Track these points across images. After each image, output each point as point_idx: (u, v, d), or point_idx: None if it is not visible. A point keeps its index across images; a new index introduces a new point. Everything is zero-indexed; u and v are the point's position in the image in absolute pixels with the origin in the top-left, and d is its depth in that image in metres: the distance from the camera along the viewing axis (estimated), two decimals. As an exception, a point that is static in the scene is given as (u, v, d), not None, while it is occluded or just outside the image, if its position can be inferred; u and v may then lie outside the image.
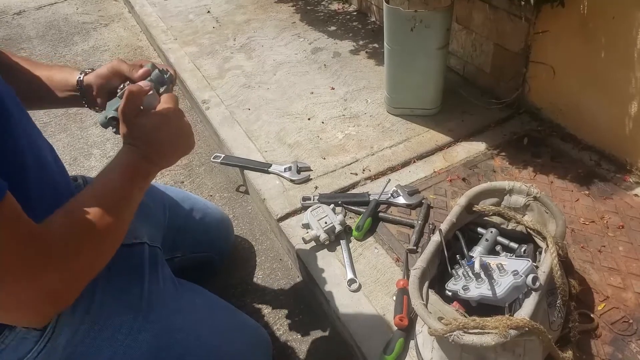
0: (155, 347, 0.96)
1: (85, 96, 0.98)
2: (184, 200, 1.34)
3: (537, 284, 0.97)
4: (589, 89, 1.59)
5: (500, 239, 1.21)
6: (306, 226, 1.47)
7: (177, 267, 1.21)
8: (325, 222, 1.43)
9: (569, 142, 1.71)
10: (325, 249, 1.43)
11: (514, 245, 1.19)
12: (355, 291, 1.31)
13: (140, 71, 0.92)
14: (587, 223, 1.41)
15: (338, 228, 1.43)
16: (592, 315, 1.18)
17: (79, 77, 0.97)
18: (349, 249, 1.41)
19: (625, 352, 1.11)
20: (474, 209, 1.22)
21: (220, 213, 1.49)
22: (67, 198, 0.75)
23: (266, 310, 1.46)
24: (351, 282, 1.33)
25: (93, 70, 0.98)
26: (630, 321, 1.16)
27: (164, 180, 1.97)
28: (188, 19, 2.91)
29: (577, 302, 1.16)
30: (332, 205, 1.50)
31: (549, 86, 1.73)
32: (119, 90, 0.93)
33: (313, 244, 1.45)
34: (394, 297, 1.27)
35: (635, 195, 1.48)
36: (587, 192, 1.50)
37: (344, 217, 1.48)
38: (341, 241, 1.44)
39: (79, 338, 0.88)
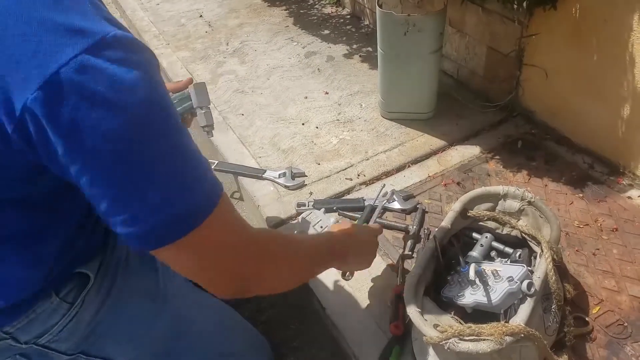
0: (168, 337, 0.97)
1: None
2: None
3: (532, 289, 0.97)
4: (582, 91, 1.60)
5: (495, 244, 1.21)
6: (301, 232, 1.46)
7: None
8: (321, 227, 1.43)
9: (563, 145, 1.71)
10: (321, 255, 1.43)
11: (509, 250, 1.19)
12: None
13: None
14: (581, 226, 1.41)
15: None
16: (587, 319, 1.18)
17: None
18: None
19: (620, 355, 1.11)
20: (469, 214, 1.22)
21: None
22: None
23: (262, 318, 1.46)
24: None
25: None
26: (625, 324, 1.16)
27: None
28: (180, 23, 2.90)
29: (572, 305, 1.16)
30: (322, 209, 1.50)
31: (542, 89, 1.74)
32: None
33: None
34: (390, 304, 1.26)
35: (629, 197, 1.49)
36: (581, 195, 1.51)
37: (337, 221, 1.48)
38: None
39: (101, 316, 0.89)
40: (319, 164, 1.75)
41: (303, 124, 1.96)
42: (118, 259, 0.93)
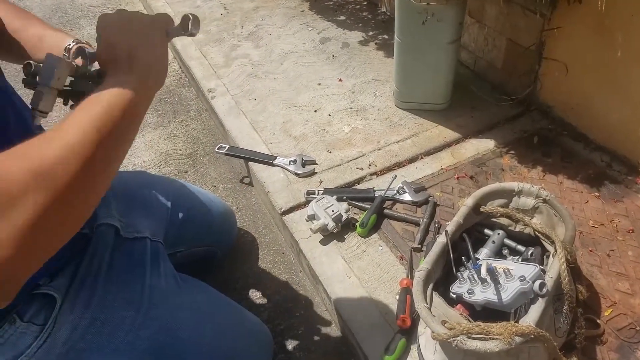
0: (157, 344, 0.95)
1: None
2: (187, 193, 1.32)
3: (544, 290, 0.95)
4: (603, 88, 1.55)
5: (507, 241, 1.19)
6: (311, 217, 1.45)
7: (179, 262, 1.20)
8: (333, 211, 1.42)
9: (580, 141, 1.67)
10: (329, 245, 1.42)
11: (521, 248, 1.17)
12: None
13: None
14: (596, 226, 1.38)
15: (345, 216, 1.42)
16: (598, 321, 1.16)
17: (69, 44, 0.83)
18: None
19: (630, 359, 1.09)
20: (482, 210, 1.20)
21: (223, 206, 1.48)
22: None
23: (268, 304, 1.45)
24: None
25: (88, 43, 0.85)
26: (637, 328, 1.14)
27: (168, 170, 1.96)
28: (196, 4, 2.87)
29: (584, 307, 1.14)
30: (335, 196, 1.49)
31: (561, 84, 1.69)
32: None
33: (320, 236, 1.43)
34: (397, 297, 1.25)
35: (647, 198, 1.45)
36: (597, 194, 1.47)
37: (348, 207, 1.47)
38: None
39: (79, 334, 0.88)
40: (330, 152, 1.73)
41: (315, 111, 1.94)
42: (98, 268, 0.90)
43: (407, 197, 1.50)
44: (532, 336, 0.89)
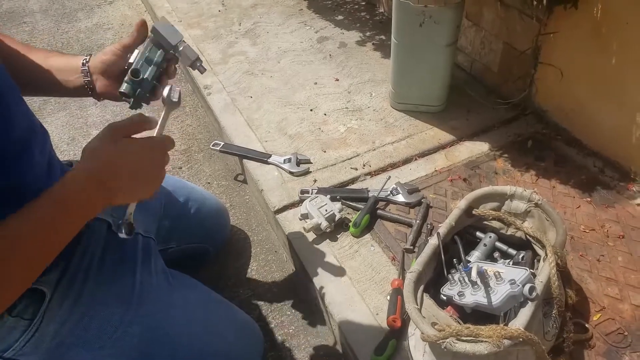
0: (146, 341, 0.95)
1: (90, 81, 0.94)
2: (180, 189, 1.32)
3: (534, 294, 0.95)
4: (598, 93, 1.56)
5: (498, 244, 1.20)
6: (305, 216, 1.46)
7: (170, 258, 1.20)
8: (326, 210, 1.42)
9: (573, 146, 1.68)
10: (321, 244, 1.42)
11: (512, 251, 1.18)
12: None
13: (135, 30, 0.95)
14: (587, 231, 1.39)
15: (338, 215, 1.43)
16: (586, 326, 1.16)
17: (84, 60, 0.93)
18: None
19: (618, 364, 1.10)
20: (474, 212, 1.20)
21: (217, 203, 1.47)
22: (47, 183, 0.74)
23: (259, 302, 1.46)
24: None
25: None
26: (625, 333, 1.15)
27: (162, 165, 1.95)
28: (194, 0, 2.86)
29: (573, 311, 1.15)
30: (328, 196, 1.49)
31: (556, 89, 1.70)
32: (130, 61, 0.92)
33: (312, 235, 1.43)
34: (388, 297, 1.26)
35: (638, 204, 1.46)
36: (589, 199, 1.48)
37: (341, 207, 1.47)
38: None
39: (68, 329, 0.87)
40: (324, 152, 1.73)
41: (311, 110, 1.94)
42: (89, 263, 0.90)
43: (400, 198, 1.51)
44: (521, 339, 0.89)
